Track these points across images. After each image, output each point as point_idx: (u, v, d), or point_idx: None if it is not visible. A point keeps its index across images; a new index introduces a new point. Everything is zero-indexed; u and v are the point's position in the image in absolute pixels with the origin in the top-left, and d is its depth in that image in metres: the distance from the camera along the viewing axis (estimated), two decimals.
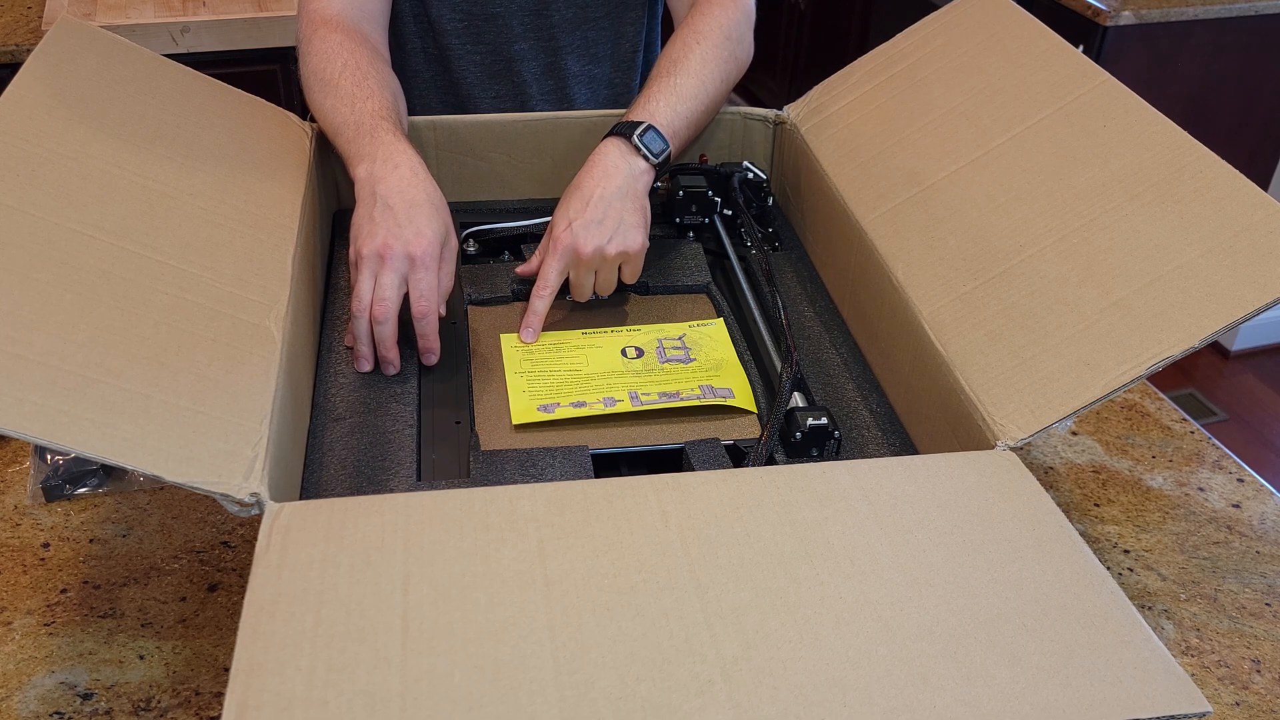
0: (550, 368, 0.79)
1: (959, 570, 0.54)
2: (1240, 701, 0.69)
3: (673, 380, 0.78)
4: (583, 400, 0.75)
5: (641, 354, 0.80)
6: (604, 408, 0.74)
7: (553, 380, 0.78)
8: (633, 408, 0.74)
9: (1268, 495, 0.85)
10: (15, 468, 0.81)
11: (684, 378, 0.78)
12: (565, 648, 0.49)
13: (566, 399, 0.75)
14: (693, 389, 0.77)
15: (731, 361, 0.81)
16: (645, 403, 0.75)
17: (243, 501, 0.56)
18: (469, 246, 0.93)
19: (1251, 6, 2.04)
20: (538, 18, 1.05)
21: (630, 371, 0.79)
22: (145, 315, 0.62)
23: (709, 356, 0.81)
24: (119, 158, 0.72)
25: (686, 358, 0.80)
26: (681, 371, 0.79)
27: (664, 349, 0.81)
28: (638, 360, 0.80)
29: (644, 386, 0.77)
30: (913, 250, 0.79)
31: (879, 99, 0.92)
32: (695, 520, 0.56)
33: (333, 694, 0.46)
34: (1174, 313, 0.64)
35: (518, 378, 0.78)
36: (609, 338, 0.83)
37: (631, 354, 0.80)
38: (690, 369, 0.79)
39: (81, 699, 0.65)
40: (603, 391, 0.76)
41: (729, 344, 0.83)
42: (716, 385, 0.77)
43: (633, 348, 0.81)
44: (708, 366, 0.80)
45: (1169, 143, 0.72)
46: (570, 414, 0.74)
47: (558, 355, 0.81)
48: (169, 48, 1.60)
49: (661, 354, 0.80)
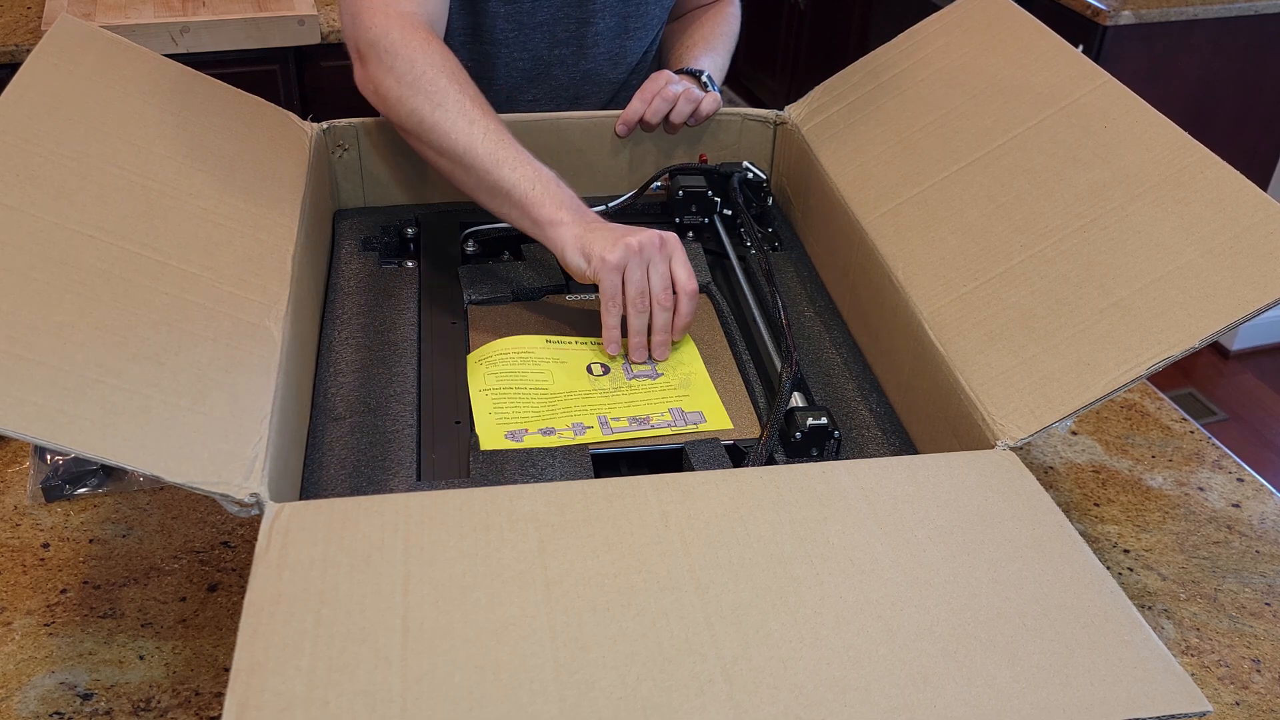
0: (515, 384, 0.77)
1: (959, 570, 0.54)
2: (1240, 701, 0.69)
3: (641, 402, 0.77)
4: (551, 427, 0.73)
5: (607, 371, 0.79)
6: (573, 436, 0.73)
7: (518, 401, 0.76)
8: (603, 437, 0.73)
9: (1268, 495, 0.85)
10: (15, 468, 0.81)
11: (652, 398, 0.77)
12: (565, 648, 0.49)
13: (535, 424, 0.74)
14: (662, 413, 0.75)
15: (699, 376, 0.80)
16: (615, 430, 0.73)
17: (243, 502, 0.56)
18: (469, 246, 0.94)
19: (1251, 6, 2.04)
20: (581, 25, 1.06)
21: (597, 390, 0.77)
22: (145, 315, 0.62)
23: (676, 372, 0.80)
24: (119, 158, 0.72)
25: (653, 373, 0.79)
26: (649, 391, 0.78)
27: (629, 365, 0.80)
28: (604, 378, 0.78)
29: (612, 410, 0.75)
30: (913, 250, 0.79)
31: (880, 99, 0.92)
32: (695, 520, 0.56)
33: (333, 694, 0.46)
34: (1174, 313, 0.64)
35: (483, 397, 0.76)
36: (574, 351, 0.81)
37: (598, 370, 0.79)
38: (658, 386, 0.78)
39: (81, 699, 0.65)
40: (570, 416, 0.75)
41: (697, 357, 0.81)
42: (686, 409, 0.76)
43: (599, 364, 0.80)
44: (675, 383, 0.78)
45: (1169, 143, 0.72)
46: (539, 443, 0.72)
47: (522, 371, 0.78)
48: (169, 48, 1.60)
49: (628, 370, 0.79)
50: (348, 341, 0.81)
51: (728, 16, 1.14)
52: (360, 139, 0.97)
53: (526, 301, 0.88)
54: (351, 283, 0.88)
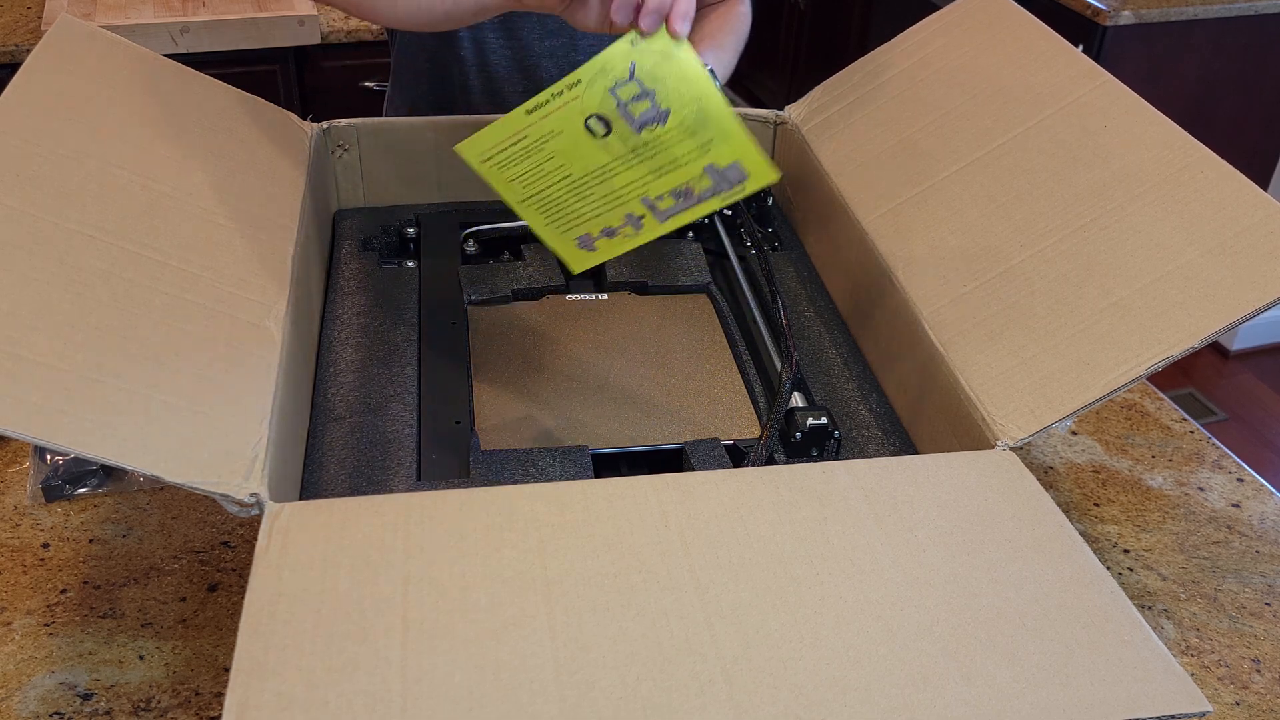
0: (542, 182, 0.71)
1: (959, 570, 0.54)
2: (1240, 701, 0.69)
3: (668, 166, 0.69)
4: (610, 226, 0.69)
5: (609, 128, 0.69)
6: (634, 232, 0.69)
7: (560, 202, 0.71)
8: (660, 225, 0.69)
9: (1268, 495, 0.85)
10: (15, 468, 0.81)
11: (678, 155, 0.69)
12: (565, 648, 0.49)
13: (594, 225, 0.70)
14: (700, 177, 0.68)
15: (709, 97, 0.68)
16: (666, 212, 0.69)
17: (243, 502, 0.56)
18: (469, 246, 0.94)
19: (1251, 6, 2.04)
20: None
21: (616, 160, 0.69)
22: (145, 315, 0.62)
23: (680, 96, 0.68)
24: (119, 158, 0.72)
25: (657, 111, 0.69)
26: (665, 140, 0.69)
27: (628, 109, 0.68)
28: (611, 138, 0.69)
29: (645, 183, 0.69)
30: (913, 250, 0.79)
31: (880, 99, 0.92)
32: (695, 520, 0.56)
33: (333, 694, 0.46)
34: (1174, 313, 0.64)
35: (529, 209, 0.71)
36: (560, 113, 0.70)
37: (599, 130, 0.69)
38: (671, 131, 0.68)
39: (81, 699, 0.65)
40: (615, 206, 0.70)
41: (692, 59, 0.68)
42: (720, 163, 0.68)
43: (594, 118, 0.69)
44: (689, 121, 0.68)
45: (1169, 143, 0.72)
46: (612, 248, 0.69)
47: (536, 162, 0.71)
48: (169, 48, 1.60)
49: (629, 118, 0.69)
50: (348, 341, 0.81)
51: (737, 15, 1.13)
52: (360, 139, 0.97)
53: (526, 301, 0.88)
54: (351, 283, 0.88)
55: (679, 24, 0.67)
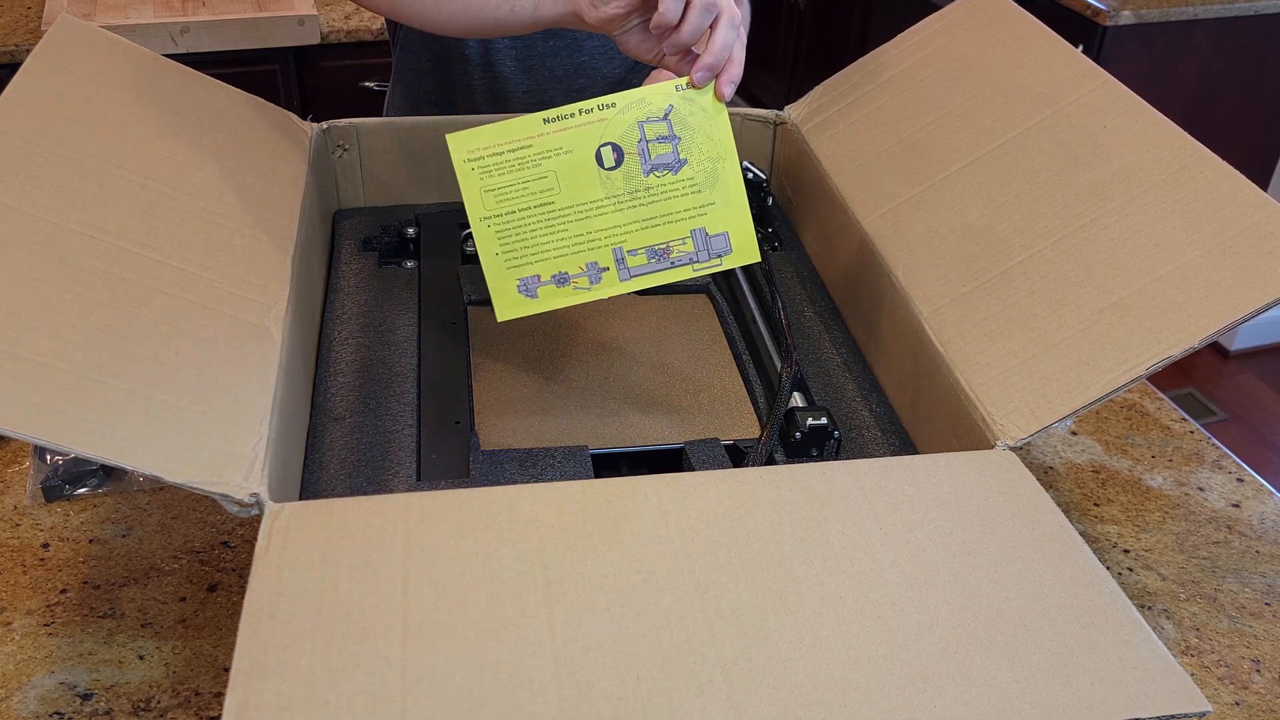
0: (518, 202, 0.69)
1: (959, 570, 0.54)
2: (1240, 701, 0.69)
3: (660, 217, 0.69)
4: (564, 273, 0.68)
5: (621, 159, 0.69)
6: (589, 285, 0.68)
7: (523, 227, 0.69)
8: (620, 283, 0.68)
9: (1267, 495, 0.85)
10: (15, 468, 0.81)
11: (673, 207, 0.69)
12: (565, 648, 0.49)
13: (547, 266, 0.68)
14: (683, 239, 0.68)
15: (728, 160, 0.69)
16: (633, 271, 0.69)
17: (242, 502, 0.56)
18: (469, 246, 0.94)
19: (1251, 6, 2.04)
20: None
21: (610, 198, 0.69)
22: (145, 315, 0.62)
23: (702, 152, 0.70)
24: (119, 158, 0.72)
25: (675, 159, 0.69)
26: (669, 191, 0.69)
27: (647, 148, 0.69)
28: (617, 171, 0.69)
29: (627, 232, 0.68)
30: (913, 250, 0.79)
31: (879, 99, 0.92)
32: (695, 520, 0.56)
33: (333, 694, 0.46)
34: (1174, 313, 0.64)
35: (485, 228, 0.69)
36: (580, 131, 0.69)
37: (609, 160, 0.69)
38: (679, 183, 0.69)
39: (81, 699, 0.65)
40: (583, 247, 0.69)
41: (725, 123, 0.69)
42: (711, 229, 0.68)
43: (609, 148, 0.69)
44: (700, 178, 0.69)
45: (1169, 143, 0.72)
46: (553, 299, 0.67)
47: (523, 176, 0.70)
48: (169, 48, 1.60)
49: (645, 156, 0.69)
50: (348, 341, 0.81)
51: None
52: (360, 139, 0.97)
53: None
54: (351, 283, 0.88)
55: (727, 88, 0.68)
